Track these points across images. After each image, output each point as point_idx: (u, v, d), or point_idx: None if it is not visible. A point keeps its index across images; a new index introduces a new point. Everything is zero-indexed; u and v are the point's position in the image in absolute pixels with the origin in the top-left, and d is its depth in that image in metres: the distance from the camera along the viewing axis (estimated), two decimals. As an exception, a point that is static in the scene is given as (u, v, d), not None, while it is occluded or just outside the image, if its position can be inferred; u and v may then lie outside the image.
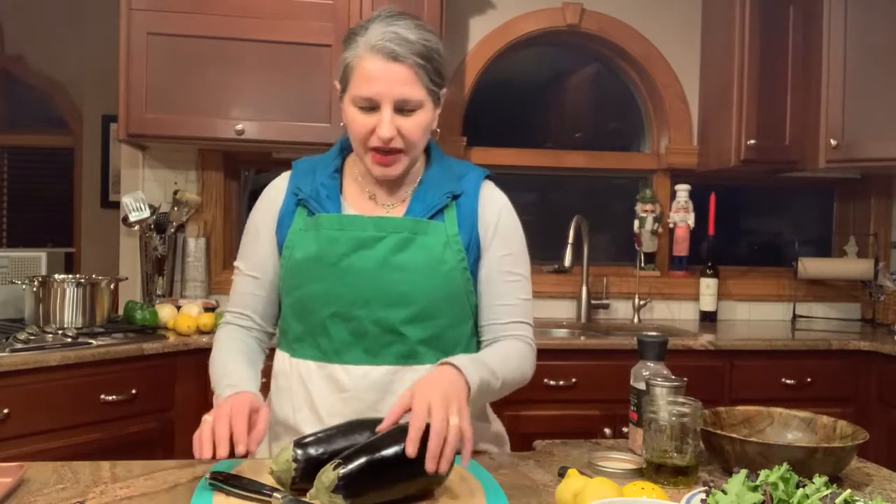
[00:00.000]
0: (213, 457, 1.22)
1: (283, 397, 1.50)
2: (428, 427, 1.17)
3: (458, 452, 1.20)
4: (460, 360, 1.34)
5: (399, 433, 1.18)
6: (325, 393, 1.46)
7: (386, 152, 1.42)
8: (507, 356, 1.46)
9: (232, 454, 1.23)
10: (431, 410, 1.18)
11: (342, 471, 1.13)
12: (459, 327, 1.50)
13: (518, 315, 1.53)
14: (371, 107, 1.40)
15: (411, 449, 1.15)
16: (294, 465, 1.19)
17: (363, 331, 1.44)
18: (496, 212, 1.53)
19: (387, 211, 1.50)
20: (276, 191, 1.55)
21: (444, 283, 1.45)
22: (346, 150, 1.57)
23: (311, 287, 1.46)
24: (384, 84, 1.38)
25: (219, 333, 1.56)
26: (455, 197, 1.50)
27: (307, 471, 1.19)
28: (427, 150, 1.57)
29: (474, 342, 1.55)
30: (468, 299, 1.50)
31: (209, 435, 1.24)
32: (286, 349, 1.53)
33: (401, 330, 1.43)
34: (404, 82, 1.38)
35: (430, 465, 1.15)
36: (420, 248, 1.44)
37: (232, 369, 1.44)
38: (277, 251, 1.51)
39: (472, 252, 1.49)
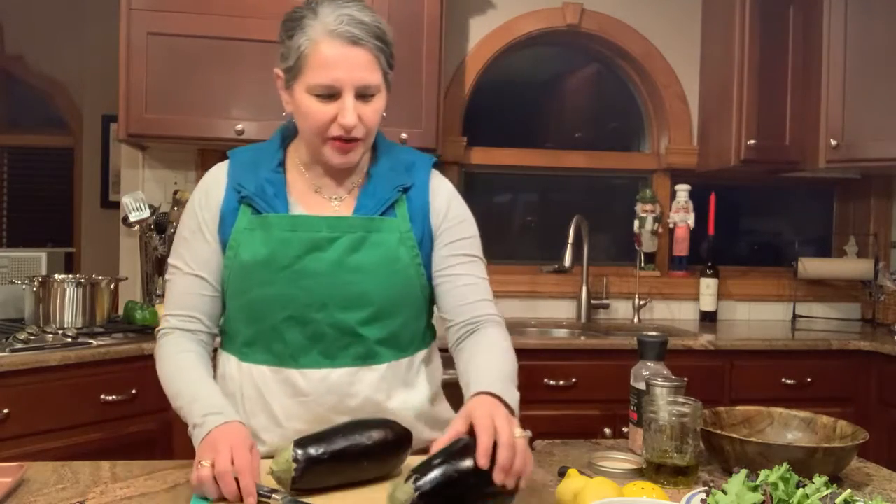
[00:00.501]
0: None
1: (234, 402, 1.42)
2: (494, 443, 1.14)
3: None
4: (495, 387, 1.27)
5: (464, 447, 1.15)
6: (282, 398, 1.42)
7: (347, 140, 1.37)
8: (511, 355, 1.41)
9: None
10: (497, 425, 1.15)
11: (419, 483, 1.09)
12: (415, 323, 1.49)
13: (482, 293, 1.48)
14: (330, 94, 1.34)
15: (484, 461, 1.12)
16: (294, 465, 1.19)
17: (320, 334, 1.40)
18: (445, 201, 1.49)
19: (335, 206, 1.45)
20: (216, 184, 1.46)
21: (399, 281, 1.43)
22: (286, 140, 1.51)
23: (262, 291, 1.40)
24: (344, 70, 1.33)
25: (164, 343, 1.45)
26: (405, 189, 1.46)
27: (307, 470, 1.19)
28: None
29: (429, 335, 1.54)
30: (423, 294, 1.48)
31: (216, 492, 1.17)
32: (234, 353, 1.47)
33: (359, 331, 1.40)
34: (364, 67, 1.34)
35: (498, 478, 1.12)
36: (374, 247, 1.41)
37: (201, 391, 1.35)
38: (221, 250, 1.43)
39: (426, 246, 1.46)
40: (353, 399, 1.42)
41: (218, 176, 1.48)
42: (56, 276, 2.73)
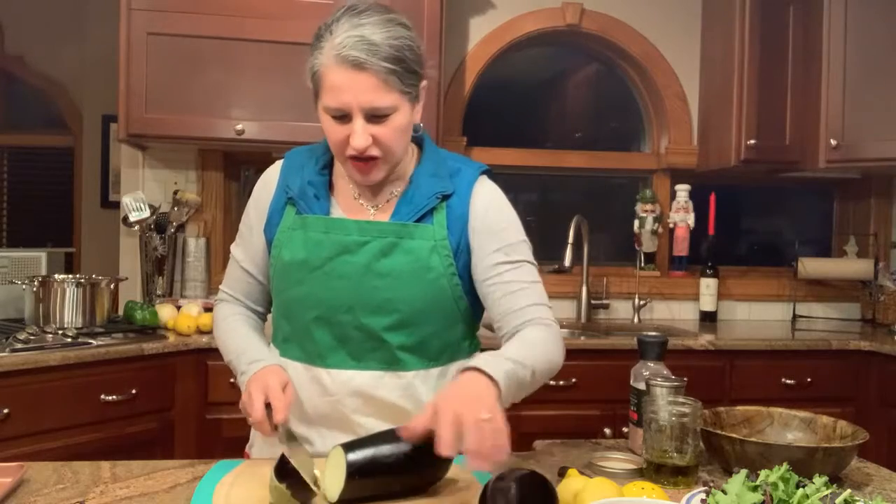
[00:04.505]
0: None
1: None
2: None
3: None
4: (479, 359, 1.26)
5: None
6: (311, 395, 1.44)
7: (364, 160, 1.36)
8: (530, 344, 1.37)
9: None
10: (462, 419, 1.12)
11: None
12: (446, 333, 1.46)
13: (532, 298, 1.43)
14: (342, 116, 1.33)
15: (448, 451, 1.11)
16: (285, 484, 1.14)
17: (347, 336, 1.41)
18: (484, 207, 1.45)
19: (373, 214, 1.45)
20: (267, 185, 1.51)
21: (429, 290, 1.41)
22: None
23: (296, 290, 1.43)
24: (351, 94, 1.30)
25: (219, 309, 1.58)
26: (446, 197, 1.43)
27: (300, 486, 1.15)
28: (420, 143, 1.51)
29: (465, 345, 1.51)
30: (456, 304, 1.45)
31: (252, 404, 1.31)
32: (277, 346, 1.52)
33: (383, 336, 1.40)
34: (372, 90, 1.30)
35: (473, 463, 1.12)
36: (405, 254, 1.40)
37: (246, 345, 1.47)
38: (267, 249, 1.49)
39: (462, 256, 1.43)
40: (377, 404, 1.41)
41: (271, 175, 1.53)
42: (56, 276, 2.73)
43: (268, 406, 1.31)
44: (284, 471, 1.12)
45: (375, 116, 1.33)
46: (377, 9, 1.35)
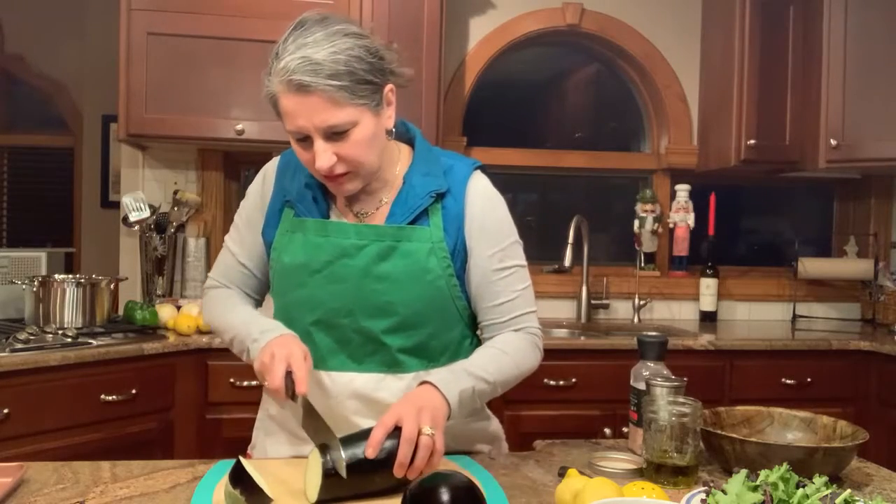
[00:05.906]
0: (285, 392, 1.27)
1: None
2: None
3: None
4: (439, 375, 1.32)
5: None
6: (313, 398, 1.42)
7: (335, 176, 1.35)
8: (500, 353, 1.43)
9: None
10: (402, 420, 1.20)
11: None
12: (446, 334, 1.46)
13: (518, 308, 1.46)
14: (303, 138, 1.32)
15: (370, 451, 1.17)
16: (239, 490, 1.14)
17: (347, 339, 1.41)
18: (480, 207, 1.45)
19: (370, 216, 1.45)
20: (266, 183, 1.51)
21: (428, 293, 1.41)
22: None
23: (296, 293, 1.43)
24: (304, 118, 1.29)
25: (210, 294, 1.57)
26: (440, 195, 1.43)
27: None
28: (412, 143, 1.50)
29: (466, 344, 1.51)
30: (455, 305, 1.45)
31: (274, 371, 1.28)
32: None
33: (382, 339, 1.40)
34: (323, 110, 1.28)
35: (398, 472, 1.18)
36: (403, 257, 1.39)
37: (252, 317, 1.45)
38: (266, 250, 1.49)
39: (459, 256, 1.43)
40: (377, 405, 1.41)
41: (269, 173, 1.52)
42: (56, 276, 2.73)
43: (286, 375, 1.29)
44: (239, 476, 1.11)
45: (335, 134, 1.31)
46: (325, 22, 1.32)
